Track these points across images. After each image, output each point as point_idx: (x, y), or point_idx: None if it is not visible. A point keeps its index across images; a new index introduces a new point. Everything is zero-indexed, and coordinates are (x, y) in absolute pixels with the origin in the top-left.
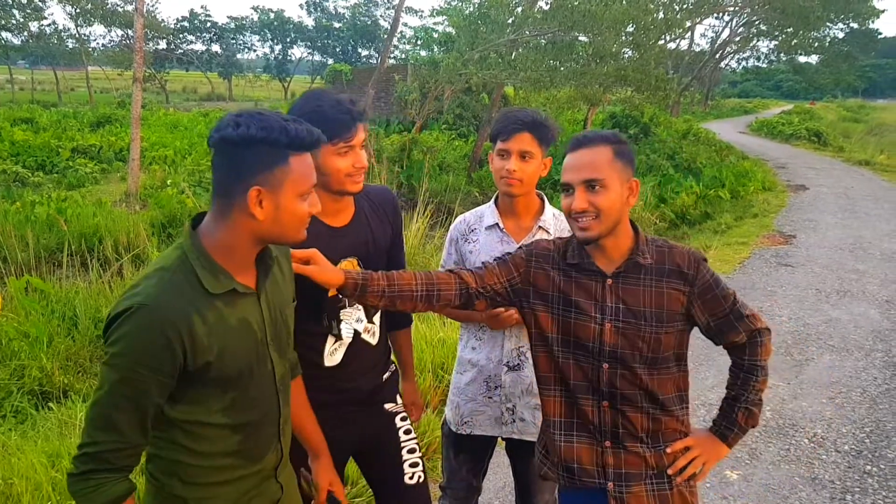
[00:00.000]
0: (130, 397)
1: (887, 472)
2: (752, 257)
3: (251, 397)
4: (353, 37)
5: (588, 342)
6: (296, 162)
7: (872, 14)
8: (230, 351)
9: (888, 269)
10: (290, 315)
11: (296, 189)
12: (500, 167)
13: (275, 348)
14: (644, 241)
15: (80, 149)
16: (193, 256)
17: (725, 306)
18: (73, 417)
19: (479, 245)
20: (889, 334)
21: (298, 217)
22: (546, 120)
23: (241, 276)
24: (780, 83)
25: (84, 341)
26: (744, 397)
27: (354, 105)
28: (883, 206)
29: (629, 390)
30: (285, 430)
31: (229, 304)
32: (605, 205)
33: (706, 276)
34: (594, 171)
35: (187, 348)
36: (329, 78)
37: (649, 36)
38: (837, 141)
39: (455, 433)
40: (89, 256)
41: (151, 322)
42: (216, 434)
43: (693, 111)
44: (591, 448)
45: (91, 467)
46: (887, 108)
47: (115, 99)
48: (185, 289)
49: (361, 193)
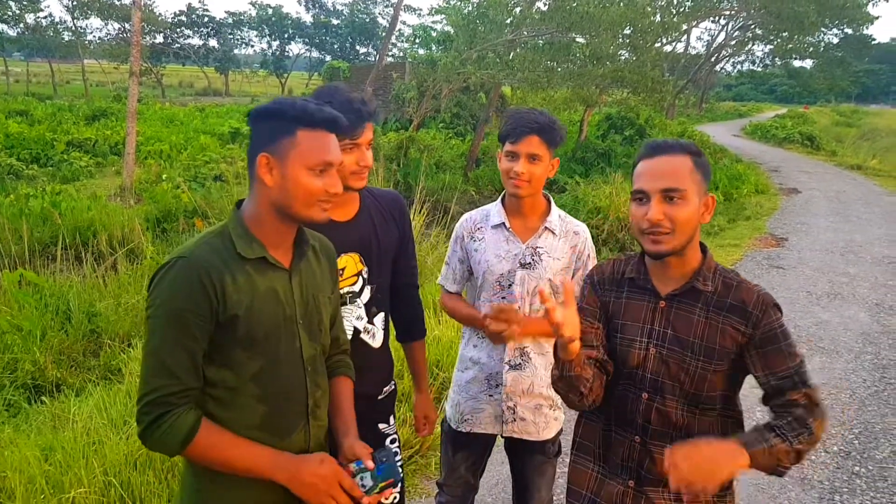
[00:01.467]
0: (178, 340)
1: (875, 473)
2: (745, 259)
3: (279, 370)
4: (352, 34)
5: (633, 368)
6: (303, 135)
7: (866, 20)
8: (256, 312)
9: (878, 273)
10: (324, 303)
11: (302, 161)
12: (508, 168)
13: (304, 328)
14: (710, 267)
15: (76, 142)
16: (233, 226)
17: (789, 366)
18: (66, 411)
19: (484, 243)
20: (878, 337)
21: (306, 189)
22: (555, 122)
23: (276, 252)
24: (775, 87)
25: (77, 335)
26: (783, 430)
27: (365, 105)
28: (874, 210)
29: (662, 427)
30: (316, 413)
31: (259, 272)
32: (682, 218)
33: (773, 322)
34: (675, 181)
35: (219, 297)
36: (326, 75)
37: (646, 38)
38: (830, 145)
39: (455, 430)
40: (83, 250)
41: (189, 270)
42: (244, 402)
43: (688, 114)
44: (614, 486)
45: (158, 412)
46: (880, 114)
47: (110, 92)
48: (221, 250)
49: (367, 192)
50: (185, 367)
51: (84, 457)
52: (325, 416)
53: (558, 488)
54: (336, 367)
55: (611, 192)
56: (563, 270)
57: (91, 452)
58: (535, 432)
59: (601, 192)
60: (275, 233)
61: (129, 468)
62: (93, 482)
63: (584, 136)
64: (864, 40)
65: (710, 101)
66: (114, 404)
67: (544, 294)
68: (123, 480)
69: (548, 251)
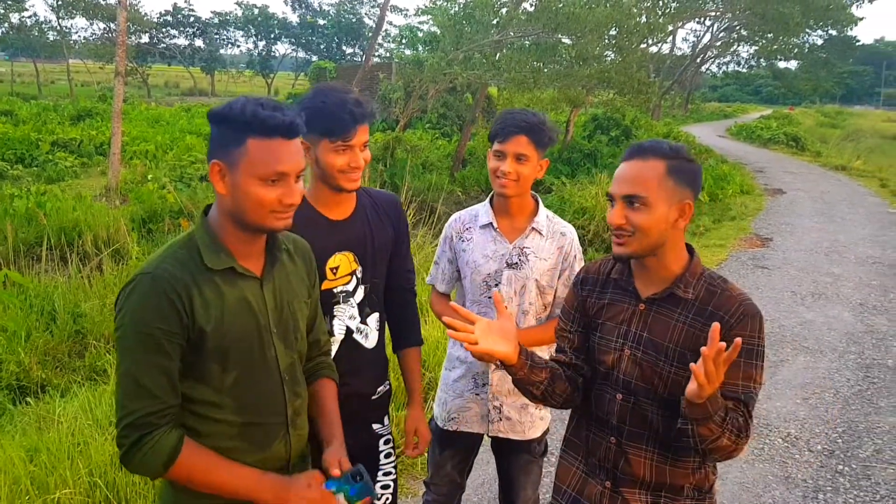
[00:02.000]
0: (151, 359)
1: (859, 472)
2: (730, 259)
3: (255, 381)
4: (338, 34)
5: (608, 369)
6: (254, 145)
7: (850, 21)
8: (227, 324)
9: (862, 273)
10: (299, 309)
11: (252, 171)
12: (495, 168)
13: (279, 337)
14: (695, 273)
15: (61, 142)
16: (199, 234)
17: (738, 384)
18: (52, 412)
19: (472, 243)
20: (862, 336)
21: (256, 200)
22: (545, 123)
23: (245, 261)
24: (760, 88)
25: (62, 336)
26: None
27: (360, 106)
28: (858, 210)
29: (638, 429)
30: (296, 423)
31: (228, 283)
32: (642, 224)
33: (745, 334)
34: (636, 187)
35: (187, 312)
36: (313, 75)
37: (632, 39)
38: (815, 146)
39: (442, 429)
40: (69, 251)
41: (155, 286)
42: (221, 415)
43: (674, 114)
44: (594, 486)
45: (139, 434)
46: (864, 115)
47: (96, 92)
48: (187, 262)
49: (365, 192)
50: (162, 386)
51: (69, 457)
52: (306, 424)
53: (544, 487)
54: (317, 370)
55: (597, 192)
56: (550, 271)
57: (76, 453)
58: (522, 431)
59: (587, 192)
60: (240, 241)
61: (114, 469)
62: (78, 483)
63: (570, 137)
64: (848, 41)
65: (696, 101)
66: (99, 405)
67: (498, 299)
68: (109, 481)
69: (535, 251)
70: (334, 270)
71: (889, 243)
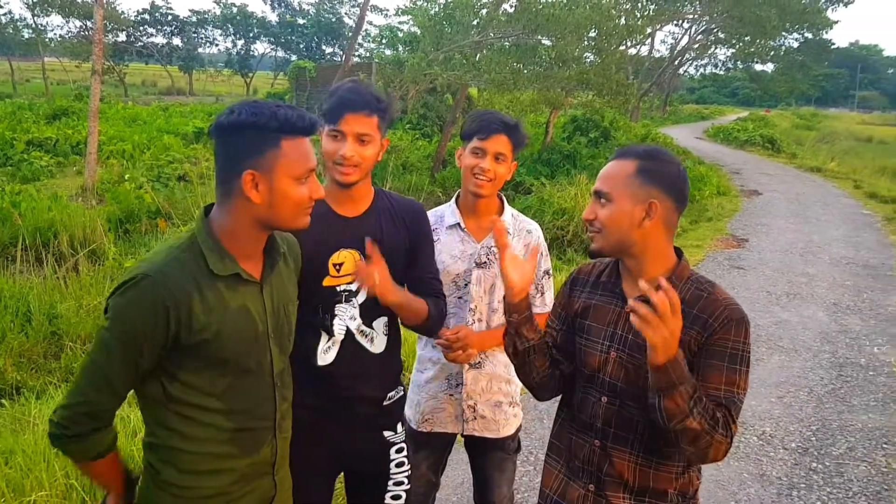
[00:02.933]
0: (127, 360)
1: (832, 469)
2: (706, 260)
3: (248, 386)
4: (318, 34)
5: (593, 371)
6: (287, 145)
7: (826, 24)
8: (227, 333)
9: (836, 273)
10: (292, 312)
11: (289, 172)
12: (473, 164)
13: (276, 342)
14: (682, 276)
15: (36, 141)
16: (203, 238)
17: (721, 388)
18: (27, 414)
19: (439, 244)
20: (836, 336)
21: (295, 201)
22: (520, 125)
23: (246, 264)
24: (737, 90)
25: (38, 338)
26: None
27: (354, 93)
28: (832, 211)
29: (623, 432)
30: (283, 426)
31: (231, 289)
32: (605, 220)
33: (728, 339)
34: (604, 183)
35: (183, 322)
36: (292, 75)
37: (611, 41)
38: (790, 148)
39: (416, 431)
40: (44, 251)
41: (154, 292)
42: (210, 419)
43: (652, 116)
44: (576, 489)
45: (90, 427)
46: (839, 117)
47: (72, 91)
48: (191, 266)
49: (385, 195)
50: (127, 385)
51: (45, 460)
52: (290, 428)
53: (522, 486)
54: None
55: (576, 193)
56: None
57: (52, 455)
58: (496, 429)
59: (566, 193)
60: (249, 244)
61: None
62: (54, 485)
63: (549, 138)
64: (824, 44)
65: (674, 103)
66: None
67: (500, 229)
68: (85, 483)
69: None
70: (338, 267)
71: (862, 244)
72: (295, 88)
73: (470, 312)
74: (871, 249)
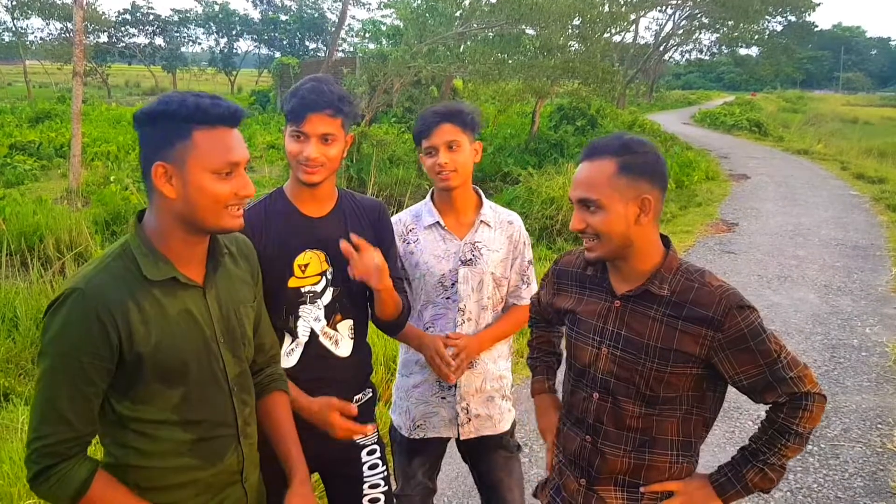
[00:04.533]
0: (72, 384)
1: (827, 451)
2: (697, 245)
3: (202, 395)
4: (300, 30)
5: (584, 366)
6: (201, 136)
7: (808, 7)
8: (168, 342)
9: (826, 255)
10: (245, 315)
11: (203, 164)
12: (431, 165)
13: (227, 347)
14: (671, 268)
15: (19, 145)
16: (135, 244)
17: (762, 363)
18: (15, 421)
19: (419, 245)
20: (827, 318)
21: (213, 196)
22: (462, 106)
23: (186, 268)
24: (722, 75)
25: (25, 343)
26: (763, 456)
27: (315, 93)
28: (821, 193)
29: (615, 429)
30: (247, 432)
31: (169, 294)
32: (602, 227)
33: (739, 323)
34: (588, 190)
35: (122, 334)
36: (276, 72)
37: (595, 29)
38: (777, 131)
39: (408, 439)
40: (30, 255)
41: (86, 305)
42: (167, 433)
43: (638, 103)
44: (572, 481)
45: (47, 463)
46: (824, 99)
47: (54, 93)
48: (123, 274)
49: (348, 196)
50: (79, 413)
51: None
52: (255, 430)
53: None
54: (268, 383)
55: (564, 182)
56: (503, 262)
57: None
58: (492, 426)
59: (554, 182)
60: (183, 247)
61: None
62: None
63: (536, 128)
64: (807, 27)
65: (660, 89)
66: None
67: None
68: None
69: (486, 244)
70: (303, 268)
71: (851, 225)
72: (279, 85)
73: (459, 313)
74: (859, 230)
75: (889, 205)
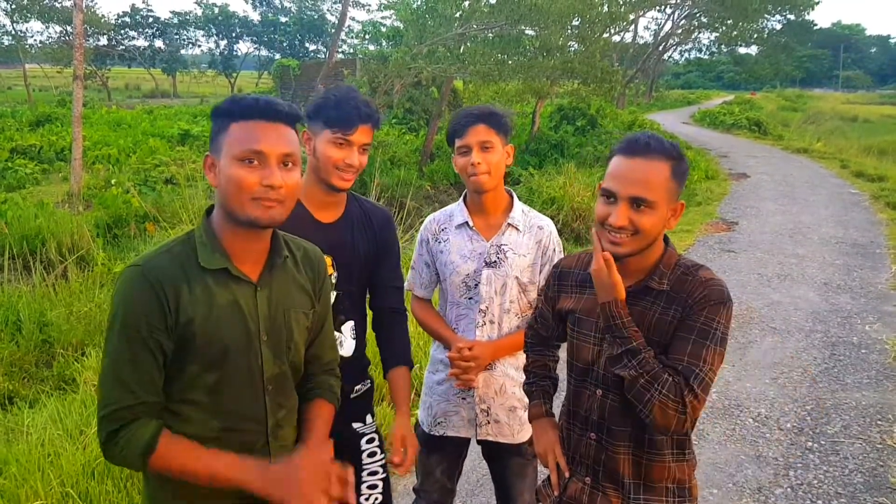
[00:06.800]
0: (132, 353)
1: (828, 448)
2: (697, 244)
3: (234, 386)
4: (300, 31)
5: (587, 364)
6: (235, 127)
7: (808, 6)
8: (213, 328)
9: (826, 253)
10: (297, 319)
11: (230, 152)
12: (464, 164)
13: (268, 346)
14: (669, 263)
15: (20, 149)
16: (199, 233)
17: (682, 358)
18: (20, 424)
19: (449, 244)
20: (827, 315)
21: (235, 183)
22: (495, 109)
23: (242, 264)
24: (722, 74)
25: (29, 346)
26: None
27: (368, 107)
28: (820, 192)
29: (618, 425)
30: (277, 434)
31: (221, 284)
32: (646, 226)
33: (702, 316)
34: (646, 190)
35: (172, 308)
36: (276, 73)
37: (594, 29)
38: (777, 130)
39: (428, 434)
40: (32, 259)
41: (141, 279)
42: (197, 416)
43: (638, 103)
44: (575, 482)
45: (112, 427)
46: (824, 97)
47: (54, 97)
48: (182, 259)
49: (356, 202)
50: (140, 381)
51: (40, 469)
52: (291, 436)
53: None
54: (315, 388)
55: (564, 182)
56: (530, 267)
57: (47, 464)
58: (510, 434)
59: (555, 182)
60: (236, 241)
61: (86, 478)
62: (50, 494)
63: (536, 128)
64: (806, 26)
65: (660, 89)
66: (69, 414)
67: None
68: (81, 491)
69: (513, 248)
70: None
71: (851, 223)
72: (279, 87)
73: (480, 314)
74: (859, 228)
75: (889, 202)
